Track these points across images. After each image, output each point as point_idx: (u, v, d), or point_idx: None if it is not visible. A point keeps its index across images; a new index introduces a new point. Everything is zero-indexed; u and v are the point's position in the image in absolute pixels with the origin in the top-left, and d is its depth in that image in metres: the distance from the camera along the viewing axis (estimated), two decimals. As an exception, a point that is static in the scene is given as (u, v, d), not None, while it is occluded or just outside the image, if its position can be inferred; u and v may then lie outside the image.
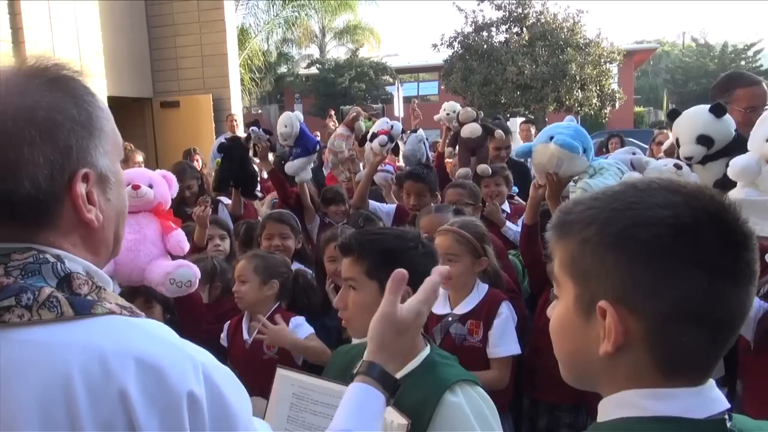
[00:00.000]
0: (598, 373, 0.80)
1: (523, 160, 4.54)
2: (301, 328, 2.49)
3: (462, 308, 2.37)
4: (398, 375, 1.41)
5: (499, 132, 4.38)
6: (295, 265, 3.07)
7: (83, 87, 0.82)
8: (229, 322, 2.67)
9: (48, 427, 0.70)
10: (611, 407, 0.78)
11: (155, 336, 0.79)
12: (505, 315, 2.35)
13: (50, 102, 0.77)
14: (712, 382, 0.78)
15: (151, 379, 0.73)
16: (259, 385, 1.67)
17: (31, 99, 0.76)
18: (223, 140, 4.93)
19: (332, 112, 7.19)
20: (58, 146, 0.77)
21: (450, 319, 2.35)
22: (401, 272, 1.12)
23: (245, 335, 2.55)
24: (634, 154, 2.62)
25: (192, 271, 2.37)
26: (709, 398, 0.76)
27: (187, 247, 2.46)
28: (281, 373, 1.56)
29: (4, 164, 0.74)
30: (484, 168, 3.93)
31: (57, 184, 0.77)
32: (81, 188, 0.79)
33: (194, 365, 0.78)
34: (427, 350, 1.43)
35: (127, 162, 5.87)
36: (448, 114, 4.65)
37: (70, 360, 0.72)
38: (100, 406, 0.71)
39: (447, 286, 2.36)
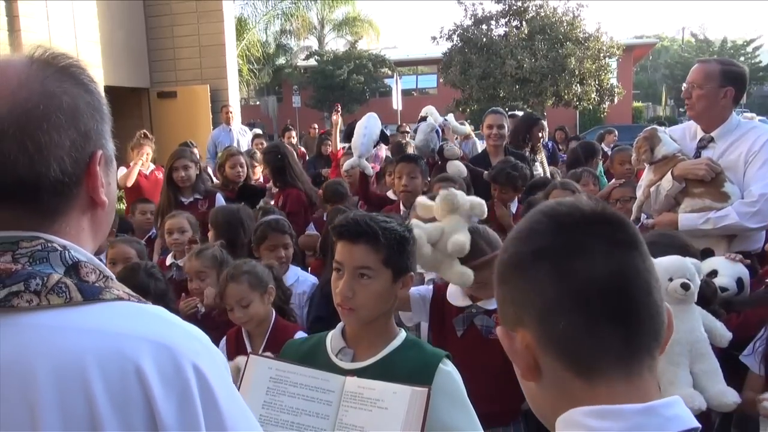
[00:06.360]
0: (543, 405, 0.79)
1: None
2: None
3: (489, 304, 2.23)
4: (382, 353, 1.50)
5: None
6: (292, 270, 3.10)
7: (88, 75, 0.86)
8: (226, 336, 2.48)
9: (66, 408, 0.71)
10: (561, 427, 0.74)
11: (164, 318, 0.82)
12: None
13: (69, 89, 0.81)
14: (675, 399, 0.72)
15: (165, 357, 0.76)
16: None
17: (53, 86, 0.80)
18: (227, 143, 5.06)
19: (338, 106, 7.07)
20: (80, 130, 0.81)
21: (474, 310, 2.24)
22: None
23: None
24: None
25: None
26: (664, 417, 0.70)
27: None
28: (256, 358, 1.51)
29: (35, 148, 0.76)
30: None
31: (79, 166, 0.81)
32: (99, 169, 0.83)
33: (201, 343, 0.82)
34: (403, 333, 1.58)
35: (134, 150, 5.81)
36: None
37: (82, 343, 0.74)
38: (117, 386, 0.73)
39: (469, 291, 2.26)
